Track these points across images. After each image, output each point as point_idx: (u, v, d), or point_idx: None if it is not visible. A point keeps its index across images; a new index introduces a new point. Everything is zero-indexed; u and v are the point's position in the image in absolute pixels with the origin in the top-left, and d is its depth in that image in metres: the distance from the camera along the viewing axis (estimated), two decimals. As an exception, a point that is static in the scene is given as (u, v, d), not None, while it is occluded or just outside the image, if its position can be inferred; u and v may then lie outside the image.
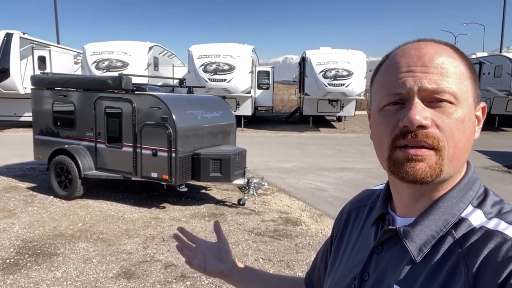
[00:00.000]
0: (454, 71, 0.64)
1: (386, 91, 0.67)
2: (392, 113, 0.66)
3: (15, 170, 8.40)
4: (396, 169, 0.65)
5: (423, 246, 0.65)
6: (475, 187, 0.69)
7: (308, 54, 16.29)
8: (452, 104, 0.63)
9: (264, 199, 6.69)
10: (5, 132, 15.00)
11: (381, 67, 0.71)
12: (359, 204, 0.89)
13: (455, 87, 0.63)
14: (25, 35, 15.23)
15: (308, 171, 9.00)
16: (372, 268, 0.72)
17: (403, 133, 0.63)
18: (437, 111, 0.63)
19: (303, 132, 16.33)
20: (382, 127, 0.67)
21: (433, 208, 0.67)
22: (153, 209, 6.04)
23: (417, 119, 0.61)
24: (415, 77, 0.64)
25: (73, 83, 6.59)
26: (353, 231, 0.85)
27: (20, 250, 4.45)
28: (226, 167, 5.85)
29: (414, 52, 0.66)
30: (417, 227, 0.67)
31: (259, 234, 5.12)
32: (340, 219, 0.93)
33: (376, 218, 0.77)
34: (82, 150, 6.47)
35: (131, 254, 4.41)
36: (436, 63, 0.64)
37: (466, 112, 0.64)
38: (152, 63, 16.34)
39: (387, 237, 0.71)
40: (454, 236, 0.64)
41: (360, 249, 0.79)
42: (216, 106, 6.81)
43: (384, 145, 0.67)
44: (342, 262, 0.83)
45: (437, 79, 0.63)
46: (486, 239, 0.60)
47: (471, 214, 0.66)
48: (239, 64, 15.14)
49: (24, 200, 6.32)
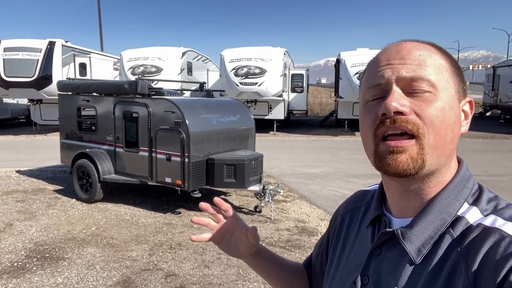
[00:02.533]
0: (432, 63, 0.65)
1: (368, 84, 0.69)
2: (373, 106, 0.67)
3: (47, 172, 8.72)
4: (380, 163, 0.65)
5: (422, 247, 0.65)
6: (469, 184, 0.68)
7: (343, 56, 15.80)
8: (430, 93, 0.63)
9: (282, 206, 6.43)
10: (49, 135, 15.77)
11: (366, 68, 0.73)
12: (353, 205, 0.88)
13: (433, 76, 0.64)
14: (67, 43, 15.96)
15: (335, 177, 8.61)
16: (372, 271, 0.71)
17: (382, 121, 0.64)
18: (416, 100, 0.63)
19: (337, 136, 15.82)
20: (365, 121, 0.68)
21: (429, 208, 0.66)
22: (168, 214, 5.97)
23: (393, 105, 0.62)
24: (393, 68, 0.65)
25: (94, 88, 6.71)
26: (349, 234, 0.84)
27: (30, 254, 4.51)
28: (241, 173, 5.66)
29: (393, 48, 0.68)
30: (415, 228, 0.66)
31: (270, 244, 4.87)
32: (335, 221, 0.91)
33: (372, 220, 0.76)
34: (102, 154, 6.55)
35: (135, 261, 4.33)
36: (414, 56, 0.65)
37: (447, 101, 0.64)
38: (186, 68, 16.55)
39: (384, 239, 0.70)
40: (452, 235, 0.64)
41: (358, 252, 0.77)
42: (234, 110, 6.64)
43: (369, 139, 0.67)
44: (340, 265, 0.81)
45: (415, 68, 0.64)
46: (484, 236, 0.60)
47: (467, 211, 0.65)
48: (270, 67, 14.94)
49: (48, 203, 6.49)
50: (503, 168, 9.44)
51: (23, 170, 8.87)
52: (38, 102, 15.77)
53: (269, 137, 15.61)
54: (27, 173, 8.66)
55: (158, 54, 15.92)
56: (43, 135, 15.76)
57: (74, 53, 16.23)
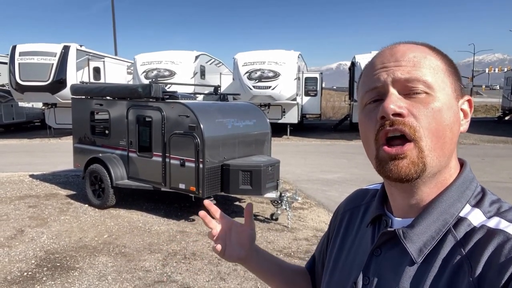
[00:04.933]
0: (427, 63, 0.65)
1: (365, 88, 0.69)
2: (372, 110, 0.67)
3: (60, 177, 8.65)
4: (382, 168, 0.65)
5: (423, 247, 0.64)
6: (472, 186, 0.68)
7: (358, 59, 15.54)
8: (427, 94, 0.63)
9: (300, 214, 6.19)
10: (63, 139, 15.80)
11: (363, 71, 0.73)
12: (353, 204, 0.88)
13: (429, 77, 0.64)
14: (81, 47, 16.03)
15: (353, 183, 8.33)
16: (372, 272, 0.70)
17: (381, 124, 0.64)
18: (413, 101, 0.63)
19: (352, 141, 15.50)
20: (365, 125, 0.68)
21: (430, 208, 0.66)
22: (181, 221, 5.79)
23: (391, 108, 0.62)
24: (388, 70, 0.66)
25: (107, 92, 6.60)
26: (349, 232, 0.83)
27: (40, 262, 4.37)
28: (257, 179, 5.45)
29: (388, 51, 0.68)
30: (416, 228, 0.66)
31: (288, 255, 4.65)
32: (335, 219, 0.91)
33: (372, 219, 0.76)
34: (115, 159, 6.42)
35: (148, 272, 4.15)
36: (409, 57, 0.65)
37: (444, 102, 0.64)
38: (199, 72, 16.46)
39: (385, 239, 0.70)
40: (455, 236, 0.63)
41: (358, 251, 0.77)
42: (250, 114, 6.44)
43: (370, 143, 0.67)
44: (339, 263, 0.81)
45: (410, 70, 0.64)
46: (489, 238, 0.59)
47: (470, 213, 0.65)
48: (284, 71, 14.74)
49: (60, 208, 6.38)
50: (528, 175, 9.04)
51: (36, 174, 8.82)
52: (53, 106, 15.84)
53: (282, 142, 15.38)
54: (40, 177, 8.60)
55: (171, 58, 15.87)
56: (57, 139, 15.81)
57: (88, 57, 16.29)
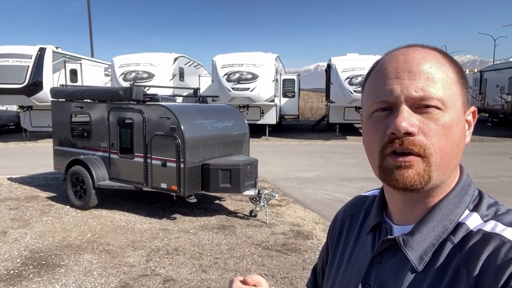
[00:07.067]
0: (441, 77, 0.64)
1: (375, 97, 0.67)
2: (380, 120, 0.66)
3: (39, 179, 8.65)
4: (387, 177, 0.65)
5: (424, 255, 0.65)
6: (470, 191, 0.69)
7: (334, 61, 15.98)
8: (439, 109, 0.63)
9: (277, 210, 6.48)
10: (39, 142, 15.62)
11: (371, 73, 0.71)
12: (352, 211, 0.88)
13: (442, 93, 0.63)
14: (58, 49, 15.86)
15: (328, 181, 8.70)
16: (373, 279, 0.71)
17: (390, 140, 0.64)
18: (424, 117, 0.63)
19: (329, 141, 15.95)
20: (372, 134, 0.67)
21: (430, 215, 0.66)
22: (163, 220, 5.98)
23: (403, 126, 0.62)
24: (402, 84, 0.64)
25: (88, 95, 6.71)
26: (348, 240, 0.83)
27: (26, 261, 4.49)
28: (236, 178, 5.71)
29: (402, 57, 0.66)
30: (416, 235, 0.66)
31: (266, 248, 4.91)
32: (334, 227, 0.91)
33: (372, 226, 0.76)
34: (96, 160, 6.54)
35: (133, 267, 4.34)
36: (423, 69, 0.64)
37: (454, 118, 0.64)
38: (178, 74, 16.57)
39: (386, 247, 0.70)
40: (453, 241, 0.64)
41: (358, 259, 0.77)
42: (229, 115, 6.69)
43: (374, 153, 0.67)
44: (340, 271, 0.80)
45: (424, 85, 0.63)
46: (485, 242, 0.60)
47: (468, 217, 0.65)
48: (262, 73, 15.05)
49: (41, 210, 6.45)
50: (491, 171, 9.63)
51: (14, 178, 8.79)
52: (28, 108, 15.63)
53: (261, 142, 15.67)
54: (19, 180, 8.58)
55: (149, 60, 15.93)
56: (33, 142, 15.61)
57: (65, 59, 16.14)
